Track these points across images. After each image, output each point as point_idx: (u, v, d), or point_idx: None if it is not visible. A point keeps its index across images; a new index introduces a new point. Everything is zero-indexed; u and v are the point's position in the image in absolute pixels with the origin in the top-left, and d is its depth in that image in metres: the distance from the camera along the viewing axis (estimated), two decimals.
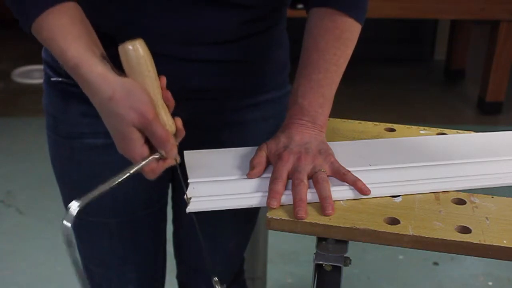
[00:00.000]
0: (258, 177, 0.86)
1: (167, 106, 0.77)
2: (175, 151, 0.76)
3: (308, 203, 0.80)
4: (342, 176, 0.84)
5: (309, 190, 0.82)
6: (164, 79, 0.76)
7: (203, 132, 0.99)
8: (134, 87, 0.72)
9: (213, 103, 0.97)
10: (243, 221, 1.13)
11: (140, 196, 1.01)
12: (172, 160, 0.77)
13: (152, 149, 0.76)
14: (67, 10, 0.76)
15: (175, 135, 0.77)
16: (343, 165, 0.85)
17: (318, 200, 0.81)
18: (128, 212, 1.02)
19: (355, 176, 0.84)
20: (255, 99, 1.00)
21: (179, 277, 1.26)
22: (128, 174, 0.74)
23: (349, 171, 0.84)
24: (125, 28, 0.87)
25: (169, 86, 0.81)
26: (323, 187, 0.81)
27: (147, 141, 0.75)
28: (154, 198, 1.05)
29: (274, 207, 0.79)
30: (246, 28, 0.91)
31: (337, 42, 0.89)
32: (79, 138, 0.95)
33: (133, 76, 0.74)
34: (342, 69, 0.91)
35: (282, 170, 0.83)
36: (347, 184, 0.84)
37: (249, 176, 0.86)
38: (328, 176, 0.84)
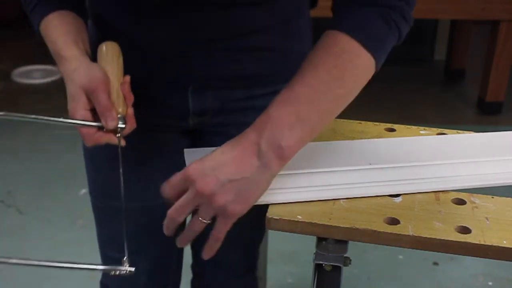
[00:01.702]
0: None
1: (125, 98, 0.83)
2: (113, 123, 0.80)
3: (308, 201, 0.81)
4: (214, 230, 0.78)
5: (309, 189, 0.83)
6: (128, 77, 0.84)
7: (229, 117, 1.01)
8: (97, 66, 0.82)
9: (239, 91, 0.99)
10: (261, 209, 1.14)
11: (162, 183, 1.03)
12: (113, 137, 0.82)
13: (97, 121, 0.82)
14: (59, 16, 0.89)
15: (125, 119, 0.82)
16: (343, 165, 0.86)
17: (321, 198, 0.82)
18: (148, 198, 1.05)
19: (215, 238, 0.79)
20: (278, 87, 1.01)
21: (194, 267, 1.26)
22: (57, 120, 0.81)
23: (217, 234, 0.79)
24: (148, 38, 0.93)
25: (199, 77, 0.94)
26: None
27: (95, 113, 0.81)
28: None
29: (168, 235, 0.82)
30: (265, 20, 0.93)
31: (335, 60, 0.77)
32: None
33: (101, 64, 0.85)
34: (335, 96, 0.77)
35: (188, 203, 0.77)
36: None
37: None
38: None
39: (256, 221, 1.13)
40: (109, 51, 0.86)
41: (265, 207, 0.81)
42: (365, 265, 2.06)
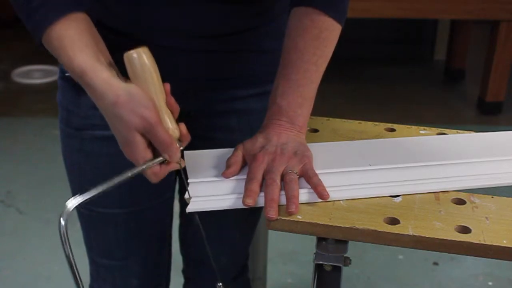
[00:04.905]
0: (233, 176, 0.86)
1: (172, 112, 0.78)
2: (178, 155, 0.77)
3: (305, 203, 0.81)
4: (308, 178, 0.84)
5: (306, 190, 0.83)
6: (168, 86, 0.78)
7: (213, 120, 1.01)
8: (138, 93, 0.74)
9: (222, 92, 0.99)
10: (248, 211, 1.13)
11: (146, 188, 1.02)
12: (175, 164, 0.79)
13: (156, 153, 0.77)
14: (75, 21, 0.78)
15: (180, 140, 0.79)
16: (342, 167, 0.86)
17: (315, 200, 0.81)
18: (133, 203, 1.04)
19: (318, 180, 0.83)
20: (262, 89, 1.01)
21: (186, 271, 1.26)
22: (128, 176, 0.76)
23: (316, 175, 0.84)
24: (136, 25, 0.90)
25: (181, 77, 0.88)
26: (290, 187, 0.81)
27: (151, 145, 0.76)
28: (160, 191, 1.06)
29: (250, 204, 0.80)
30: (251, 20, 0.93)
31: (316, 41, 0.88)
32: (91, 130, 0.97)
33: (137, 82, 0.76)
34: (322, 69, 0.90)
35: (257, 170, 0.83)
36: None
37: (224, 175, 0.86)
38: (300, 177, 0.84)
39: (243, 221, 1.13)
40: (145, 64, 0.74)
41: (254, 208, 0.81)
42: (365, 265, 2.06)
